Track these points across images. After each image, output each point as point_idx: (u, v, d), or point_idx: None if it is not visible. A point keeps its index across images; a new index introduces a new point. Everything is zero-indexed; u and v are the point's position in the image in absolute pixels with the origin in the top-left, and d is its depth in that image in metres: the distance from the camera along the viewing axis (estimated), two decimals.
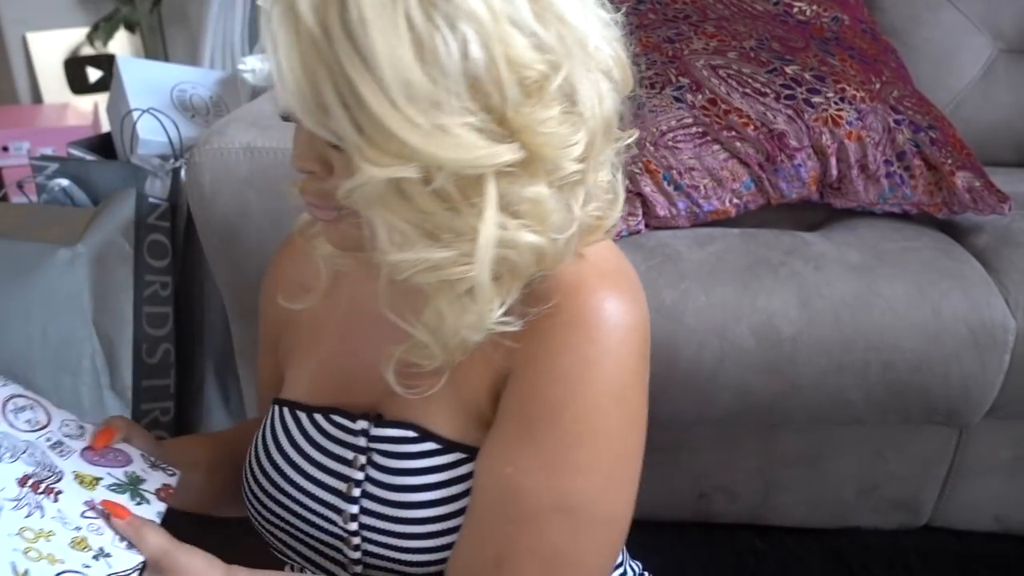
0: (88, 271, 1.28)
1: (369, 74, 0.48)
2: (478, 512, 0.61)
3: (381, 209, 0.53)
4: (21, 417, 0.67)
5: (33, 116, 2.50)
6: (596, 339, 0.58)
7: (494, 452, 0.61)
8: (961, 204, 1.12)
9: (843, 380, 1.02)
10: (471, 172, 0.51)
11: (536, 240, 0.55)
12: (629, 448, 0.61)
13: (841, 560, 1.23)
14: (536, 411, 0.59)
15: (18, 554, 0.56)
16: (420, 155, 0.50)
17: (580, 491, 0.59)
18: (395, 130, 0.49)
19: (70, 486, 0.63)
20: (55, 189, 1.39)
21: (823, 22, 1.30)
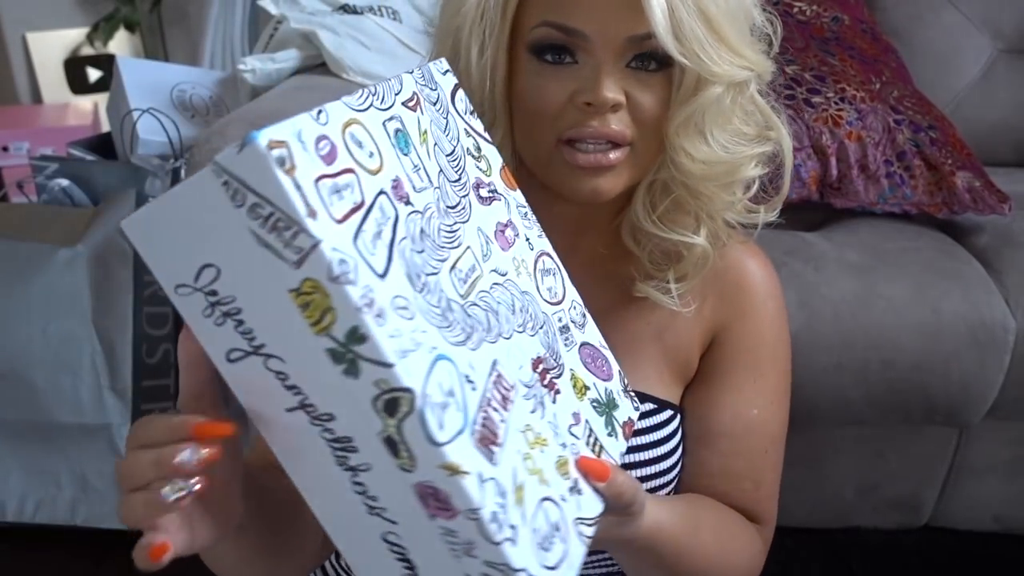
0: (88, 271, 1.28)
1: (723, 2, 0.57)
2: (730, 450, 0.70)
3: (720, 116, 0.60)
4: (545, 282, 0.54)
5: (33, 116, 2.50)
6: (775, 291, 0.71)
7: (734, 399, 0.70)
8: (961, 204, 1.12)
9: (843, 380, 1.02)
10: (765, 79, 0.62)
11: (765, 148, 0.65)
12: None
13: (841, 560, 1.23)
14: (762, 352, 0.70)
15: (519, 458, 0.43)
16: (752, 63, 0.59)
17: (785, 414, 0.73)
18: (734, 43, 0.58)
19: (567, 387, 0.51)
20: (55, 189, 1.39)
21: (823, 22, 1.30)
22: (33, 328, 1.28)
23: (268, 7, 1.45)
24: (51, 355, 1.28)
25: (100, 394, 1.29)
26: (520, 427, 0.45)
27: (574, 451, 0.49)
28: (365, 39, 1.33)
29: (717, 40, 0.57)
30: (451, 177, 0.49)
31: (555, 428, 0.48)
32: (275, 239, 0.36)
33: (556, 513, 0.45)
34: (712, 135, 0.60)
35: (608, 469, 0.50)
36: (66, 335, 1.28)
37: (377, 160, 0.41)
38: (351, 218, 0.38)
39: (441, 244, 0.44)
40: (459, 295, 0.44)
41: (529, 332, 0.50)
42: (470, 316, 0.44)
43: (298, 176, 0.36)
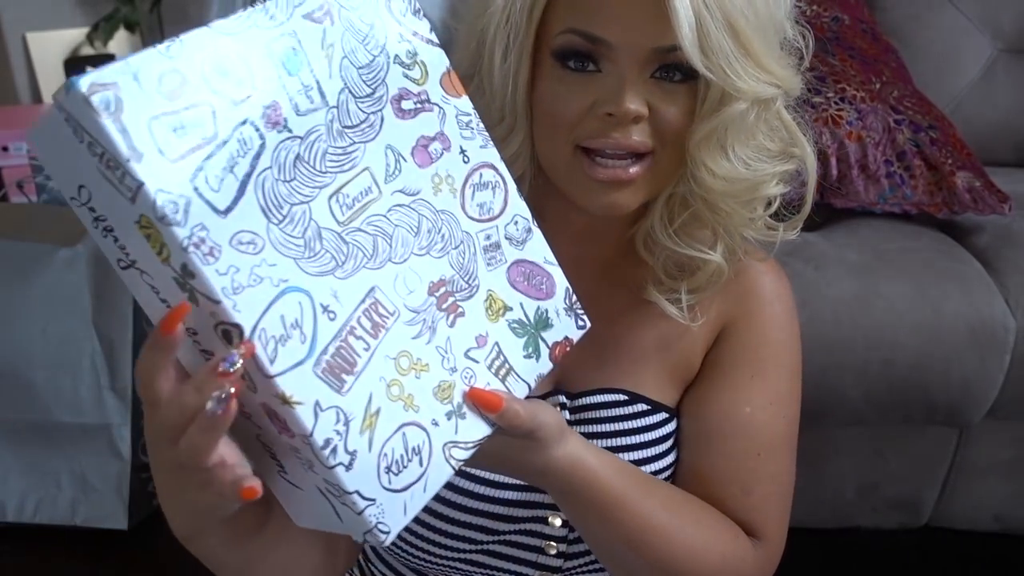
0: (88, 271, 1.28)
1: (746, 9, 0.56)
2: (721, 452, 0.68)
3: (743, 132, 0.60)
4: (477, 197, 0.51)
5: (33, 116, 2.50)
6: (785, 293, 0.71)
7: (729, 397, 0.68)
8: (961, 204, 1.12)
9: (843, 379, 1.02)
10: (792, 95, 0.62)
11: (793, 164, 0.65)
12: None
13: (841, 560, 1.23)
14: (765, 353, 0.70)
15: (382, 385, 0.44)
16: (779, 79, 0.59)
17: (795, 419, 0.72)
18: (761, 58, 0.57)
19: (475, 308, 0.50)
20: (55, 189, 1.39)
21: (823, 22, 1.30)
22: (33, 328, 1.28)
23: None
24: (51, 355, 1.28)
25: (100, 394, 1.29)
26: (392, 353, 0.45)
27: (466, 376, 0.49)
28: None
29: (744, 55, 0.56)
30: (358, 93, 0.46)
31: (444, 352, 0.48)
32: (112, 175, 0.37)
33: (419, 437, 0.46)
34: (734, 151, 0.60)
35: (499, 399, 0.49)
36: (66, 335, 1.28)
37: (247, 87, 0.40)
38: (193, 155, 0.38)
39: (323, 170, 0.43)
40: (336, 222, 0.43)
41: (435, 254, 0.48)
42: (347, 243, 0.44)
43: (125, 118, 0.36)
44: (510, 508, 0.67)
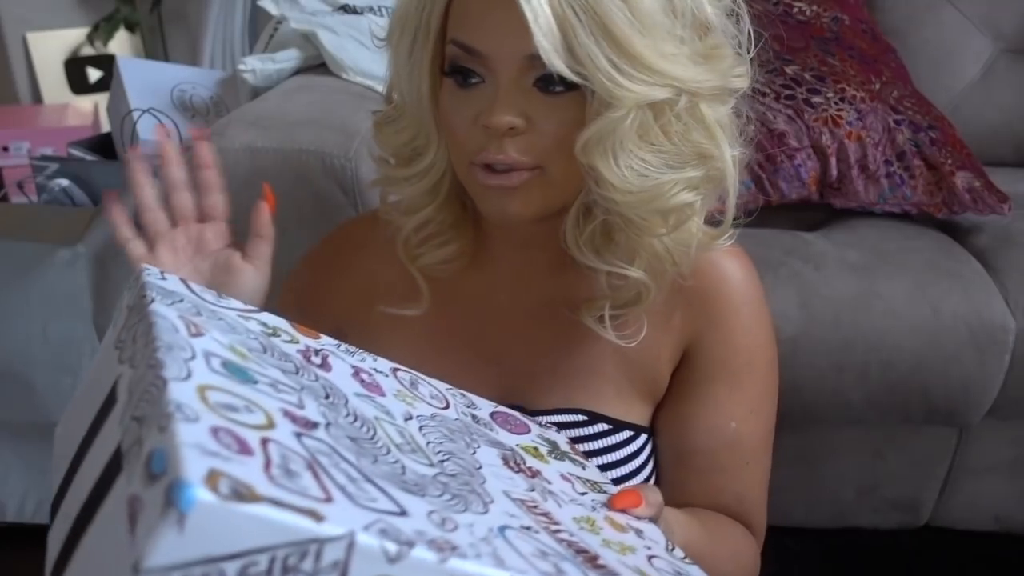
0: (88, 271, 1.28)
1: (632, 13, 0.52)
2: (709, 466, 0.68)
3: (628, 140, 0.55)
4: (427, 397, 0.54)
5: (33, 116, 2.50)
6: (753, 295, 0.68)
7: (711, 412, 0.67)
8: (961, 204, 1.12)
9: (843, 380, 1.02)
10: (708, 95, 0.57)
11: (736, 153, 0.61)
12: None
13: (841, 560, 1.23)
14: (738, 362, 0.67)
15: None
16: (674, 79, 0.55)
17: (773, 415, 0.70)
18: (647, 59, 0.53)
19: (533, 462, 0.53)
20: (55, 189, 1.39)
21: (823, 22, 1.30)
22: (33, 328, 1.27)
23: (268, 7, 1.45)
24: (51, 355, 1.28)
25: None
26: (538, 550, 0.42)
27: (594, 504, 0.51)
28: (365, 39, 1.33)
29: (623, 56, 0.52)
30: (289, 369, 0.46)
31: (560, 506, 0.48)
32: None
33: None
34: (624, 158, 0.55)
35: (637, 493, 0.52)
36: (66, 335, 1.28)
37: (259, 413, 0.37)
38: (339, 492, 0.34)
39: (367, 438, 0.42)
40: (429, 464, 0.44)
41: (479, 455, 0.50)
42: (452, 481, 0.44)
43: (259, 493, 0.30)
44: None
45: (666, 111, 0.56)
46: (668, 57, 0.54)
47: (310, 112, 1.07)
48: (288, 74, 1.35)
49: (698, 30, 0.57)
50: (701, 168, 0.59)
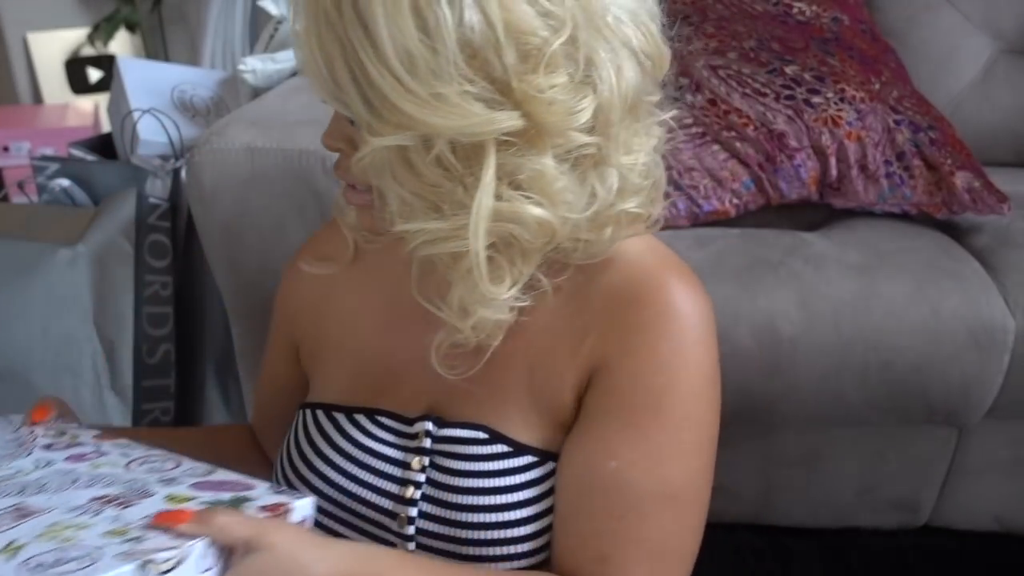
0: (88, 271, 1.28)
1: (371, 47, 0.50)
2: (577, 510, 0.61)
3: (389, 179, 0.54)
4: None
5: (33, 116, 2.50)
6: (687, 327, 0.59)
7: (593, 448, 0.60)
8: (961, 204, 1.12)
9: (843, 380, 1.02)
10: (468, 140, 0.52)
11: (540, 213, 0.54)
12: (716, 431, 0.63)
13: (841, 560, 1.23)
14: (640, 400, 0.59)
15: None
16: (416, 123, 0.51)
17: (682, 475, 0.60)
18: (394, 99, 0.50)
19: (149, 502, 0.55)
20: (56, 189, 1.39)
21: (823, 22, 1.30)
22: (33, 328, 1.28)
23: (268, 7, 1.45)
24: (51, 355, 1.28)
25: (101, 394, 1.29)
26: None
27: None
28: None
29: (375, 96, 0.51)
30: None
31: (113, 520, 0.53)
32: None
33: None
34: (391, 195, 0.54)
35: (186, 512, 0.50)
36: (66, 335, 1.28)
37: None
38: None
39: None
40: None
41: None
42: None
43: None
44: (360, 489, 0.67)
45: (406, 153, 0.53)
46: (417, 99, 0.50)
47: (310, 112, 1.07)
48: (288, 74, 1.35)
49: (481, 69, 0.51)
50: (445, 220, 0.54)
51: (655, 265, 0.61)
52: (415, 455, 0.65)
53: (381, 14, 0.49)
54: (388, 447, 0.67)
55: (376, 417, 0.68)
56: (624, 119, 0.56)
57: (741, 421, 1.09)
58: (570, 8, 0.51)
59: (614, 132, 0.56)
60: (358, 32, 0.50)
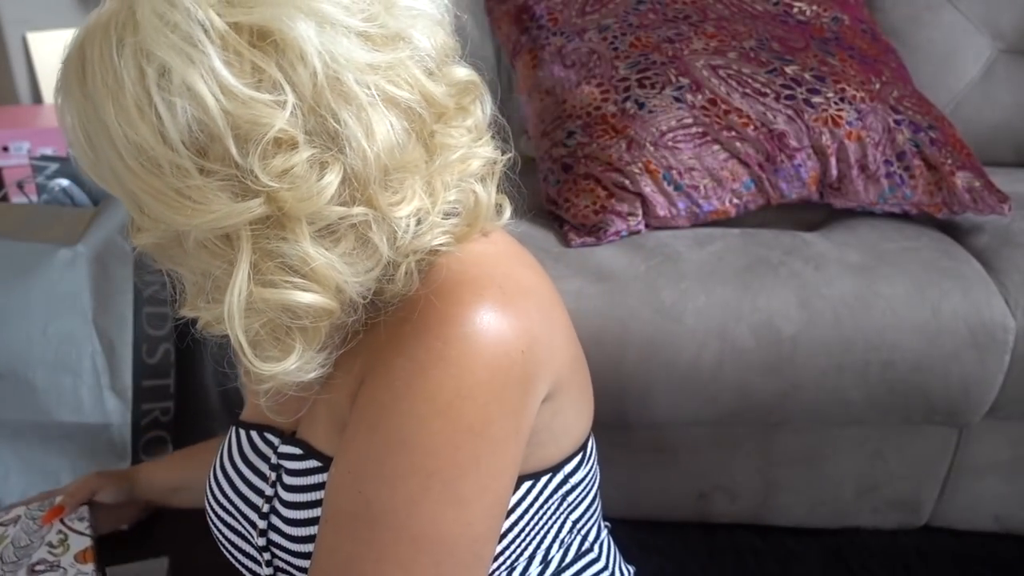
0: (88, 271, 1.28)
1: (109, 141, 0.49)
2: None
3: (167, 263, 0.55)
4: None
5: (33, 116, 2.50)
6: (432, 346, 0.54)
7: (336, 459, 0.59)
8: (961, 204, 1.12)
9: (843, 380, 1.02)
10: (218, 232, 0.50)
11: (310, 300, 0.52)
12: (458, 466, 0.54)
13: (841, 560, 1.23)
14: (365, 415, 0.56)
15: None
16: (164, 219, 0.50)
17: (382, 501, 0.54)
18: (142, 198, 0.50)
19: None
20: (55, 189, 1.39)
21: (823, 22, 1.30)
22: (33, 328, 1.27)
23: None
24: (51, 355, 1.28)
25: (100, 394, 1.29)
26: None
27: None
28: None
29: (122, 193, 0.53)
30: (7, 559, 0.75)
31: None
32: None
33: None
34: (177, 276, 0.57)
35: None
36: (66, 335, 1.28)
37: None
38: None
39: None
40: None
41: None
42: None
43: None
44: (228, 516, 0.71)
45: (181, 241, 0.53)
46: (167, 197, 0.50)
47: None
48: None
49: (213, 158, 0.49)
50: (216, 307, 0.53)
51: (443, 277, 0.57)
52: (272, 471, 0.68)
53: (112, 111, 0.48)
54: (262, 461, 0.69)
55: (264, 433, 0.71)
56: (393, 174, 0.54)
57: (741, 421, 1.09)
58: (298, 84, 0.49)
59: (375, 192, 0.53)
60: (96, 125, 0.49)
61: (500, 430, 0.56)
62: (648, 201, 1.11)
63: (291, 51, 0.49)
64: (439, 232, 0.57)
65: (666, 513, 1.26)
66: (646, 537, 1.19)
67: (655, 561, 0.91)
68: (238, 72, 0.48)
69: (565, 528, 0.71)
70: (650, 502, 1.24)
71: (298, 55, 0.49)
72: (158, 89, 0.47)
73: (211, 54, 0.47)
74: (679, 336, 1.01)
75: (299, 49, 0.49)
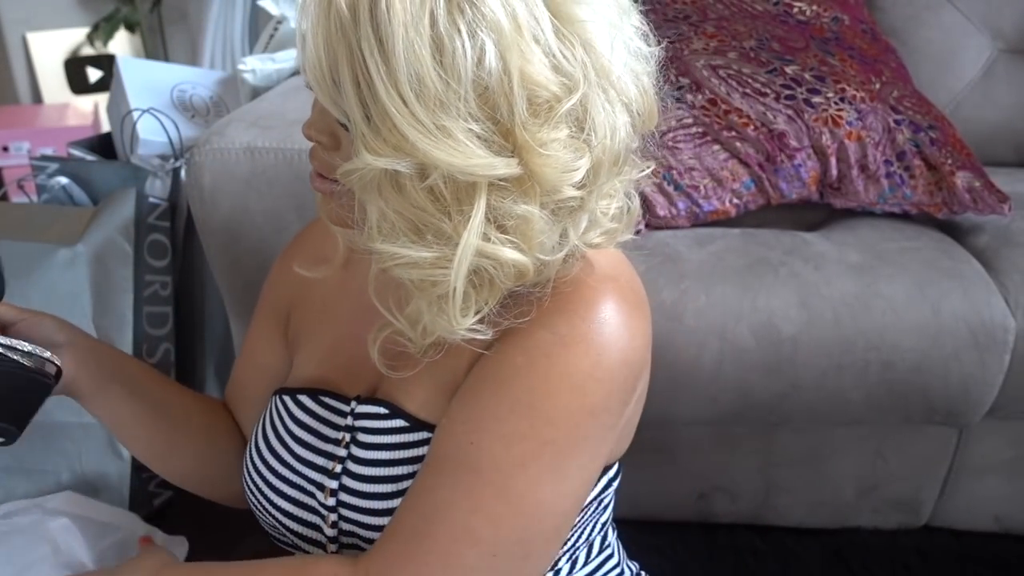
0: (88, 271, 1.28)
1: (384, 63, 0.49)
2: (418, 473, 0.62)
3: (375, 195, 0.54)
4: None
5: (33, 116, 2.50)
6: (576, 325, 0.58)
7: (445, 415, 0.62)
8: (961, 204, 1.12)
9: (843, 380, 1.02)
10: (465, 179, 0.52)
11: (518, 258, 0.55)
12: (571, 441, 0.59)
13: (841, 560, 1.23)
14: (495, 374, 0.59)
15: None
16: (417, 152, 0.51)
17: (493, 456, 0.58)
18: (398, 123, 0.50)
19: None
20: (55, 188, 1.39)
21: (823, 22, 1.30)
22: None
23: (268, 7, 1.45)
24: None
25: None
26: None
27: None
28: None
29: (377, 112, 0.51)
30: None
31: None
32: None
33: None
34: (373, 208, 0.55)
35: None
36: None
37: None
38: None
39: None
40: None
41: None
42: None
43: None
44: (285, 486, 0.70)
45: (406, 180, 0.53)
46: (426, 129, 0.50)
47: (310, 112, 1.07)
48: (288, 74, 1.35)
49: (488, 109, 0.51)
50: (433, 250, 0.54)
51: (596, 273, 0.61)
52: (344, 432, 0.68)
53: (401, 35, 0.49)
54: (326, 426, 0.70)
55: (319, 397, 0.71)
56: (610, 174, 0.58)
57: (741, 421, 1.09)
58: (581, 67, 0.52)
59: (599, 185, 0.57)
60: (371, 45, 0.49)
61: (610, 419, 0.61)
62: (648, 201, 1.11)
63: (578, 34, 0.52)
64: (600, 231, 0.62)
65: (666, 513, 1.26)
66: (646, 537, 1.19)
67: (655, 561, 0.91)
68: (544, 46, 0.51)
69: (596, 528, 0.74)
70: (650, 502, 1.24)
71: (584, 40, 0.52)
72: (470, 31, 0.49)
73: (529, 23, 0.50)
74: (679, 336, 1.01)
75: (586, 34, 0.52)
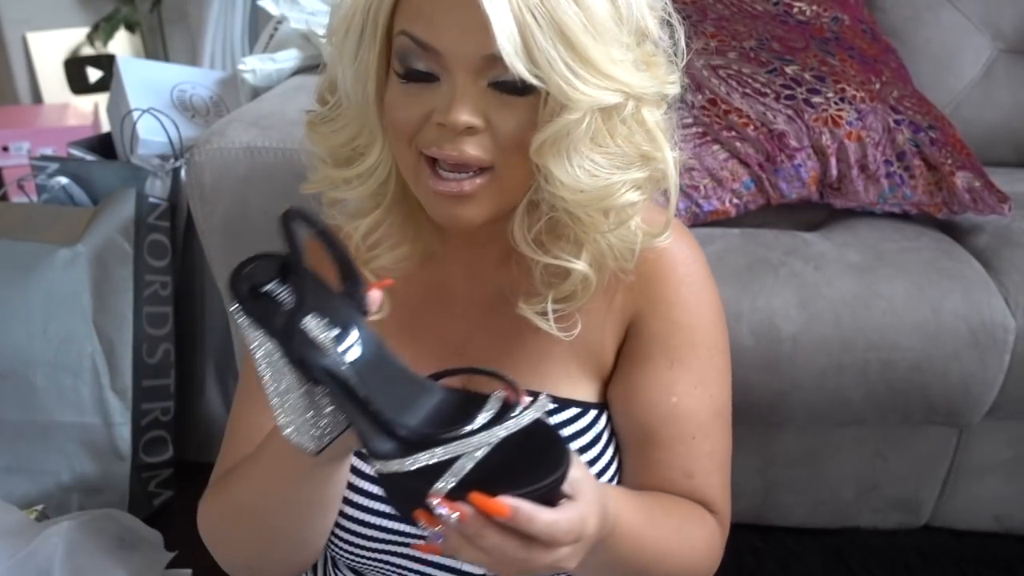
0: (88, 271, 1.28)
1: (580, 15, 0.54)
2: (647, 442, 0.69)
3: (581, 142, 0.57)
4: None
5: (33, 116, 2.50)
6: (698, 276, 0.70)
7: (652, 387, 0.69)
8: (961, 204, 1.12)
9: (843, 380, 1.02)
10: (650, 100, 0.60)
11: (676, 155, 0.63)
12: (728, 362, 0.73)
13: (841, 560, 1.23)
14: (677, 340, 0.69)
15: None
16: (624, 85, 0.57)
17: (723, 393, 0.72)
18: (601, 65, 0.55)
19: None
20: (55, 188, 1.39)
21: (823, 22, 1.30)
22: (33, 328, 1.28)
23: (268, 7, 1.45)
24: (51, 355, 1.28)
25: (101, 394, 1.29)
26: None
27: None
28: None
29: (579, 62, 0.54)
30: None
31: None
32: None
33: None
34: (577, 159, 0.57)
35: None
36: (66, 335, 1.28)
37: None
38: None
39: None
40: None
41: None
42: None
43: None
44: None
45: (614, 115, 0.58)
46: (617, 63, 0.57)
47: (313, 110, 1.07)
48: (288, 74, 1.35)
49: (637, 37, 0.59)
50: (644, 169, 0.61)
51: (672, 233, 0.68)
52: None
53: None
54: None
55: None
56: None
57: (741, 421, 1.09)
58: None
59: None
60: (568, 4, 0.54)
61: None
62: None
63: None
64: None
65: None
66: None
67: None
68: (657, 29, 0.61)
69: None
70: None
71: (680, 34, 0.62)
72: None
73: None
74: None
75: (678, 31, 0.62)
